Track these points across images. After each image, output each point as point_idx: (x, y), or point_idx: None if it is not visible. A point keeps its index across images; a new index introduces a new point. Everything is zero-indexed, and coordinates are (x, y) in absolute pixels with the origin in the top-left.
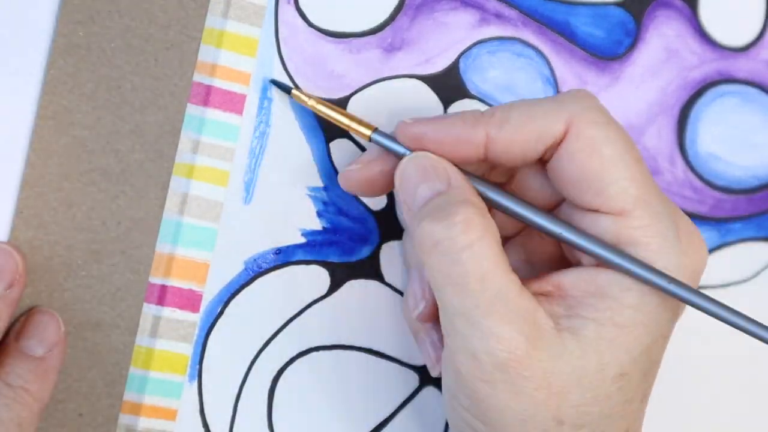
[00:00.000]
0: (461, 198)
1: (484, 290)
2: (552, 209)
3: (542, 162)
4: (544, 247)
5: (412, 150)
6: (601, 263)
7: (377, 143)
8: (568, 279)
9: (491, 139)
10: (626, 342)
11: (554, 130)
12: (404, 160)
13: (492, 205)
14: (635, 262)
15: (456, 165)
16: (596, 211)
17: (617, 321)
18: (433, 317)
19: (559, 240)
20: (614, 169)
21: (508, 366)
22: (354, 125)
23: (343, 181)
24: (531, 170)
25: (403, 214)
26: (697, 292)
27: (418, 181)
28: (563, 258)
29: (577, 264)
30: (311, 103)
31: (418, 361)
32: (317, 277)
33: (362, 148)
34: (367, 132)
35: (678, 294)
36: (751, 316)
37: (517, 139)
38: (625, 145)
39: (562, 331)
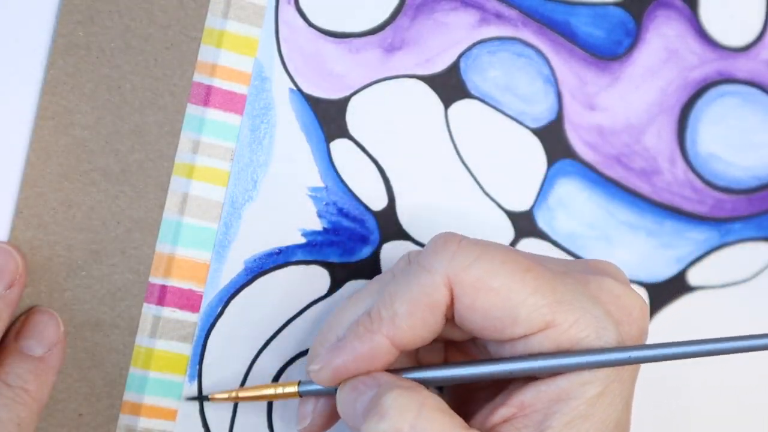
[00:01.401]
0: (385, 390)
1: None
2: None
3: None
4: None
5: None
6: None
7: (308, 393)
8: (528, 396)
9: (392, 338)
10: (598, 428)
11: (441, 299)
12: (337, 395)
13: (438, 384)
14: (594, 353)
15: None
16: (523, 337)
17: (585, 413)
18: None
19: (510, 378)
20: (513, 295)
21: None
22: (278, 391)
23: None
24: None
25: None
26: (663, 344)
27: (354, 400)
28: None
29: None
30: (232, 395)
31: None
32: (317, 277)
33: (362, 148)
34: (293, 389)
35: (645, 357)
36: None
37: (414, 326)
38: (504, 265)
39: None
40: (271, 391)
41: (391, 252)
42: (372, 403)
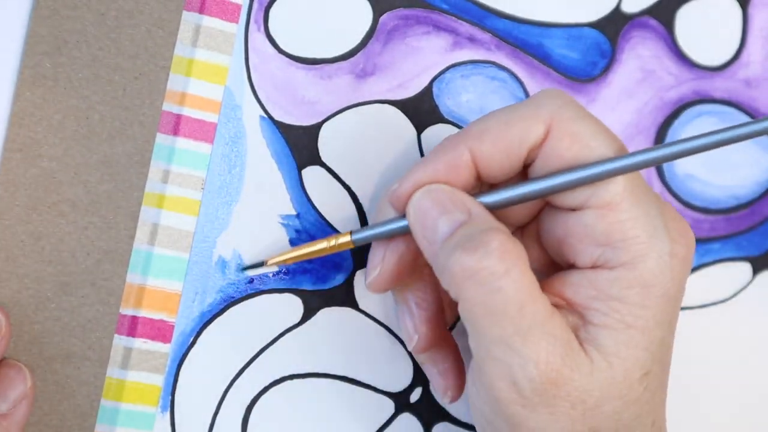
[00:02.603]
0: (488, 226)
1: (522, 317)
2: (533, 218)
3: (524, 170)
4: (533, 255)
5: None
6: (596, 264)
7: (362, 241)
8: (569, 288)
9: (474, 153)
10: (642, 342)
11: (535, 132)
12: (416, 196)
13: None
14: (612, 160)
15: None
16: (581, 208)
17: (628, 322)
18: (430, 346)
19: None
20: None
21: (547, 389)
22: (331, 243)
23: (376, 289)
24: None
25: (423, 249)
26: (673, 143)
27: (437, 215)
28: (553, 264)
29: (569, 267)
30: (286, 257)
31: (392, 388)
32: (290, 305)
33: (334, 174)
34: (347, 238)
35: (660, 157)
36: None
37: (499, 147)
38: (609, 137)
39: (586, 345)
40: (324, 244)
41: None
42: (472, 234)
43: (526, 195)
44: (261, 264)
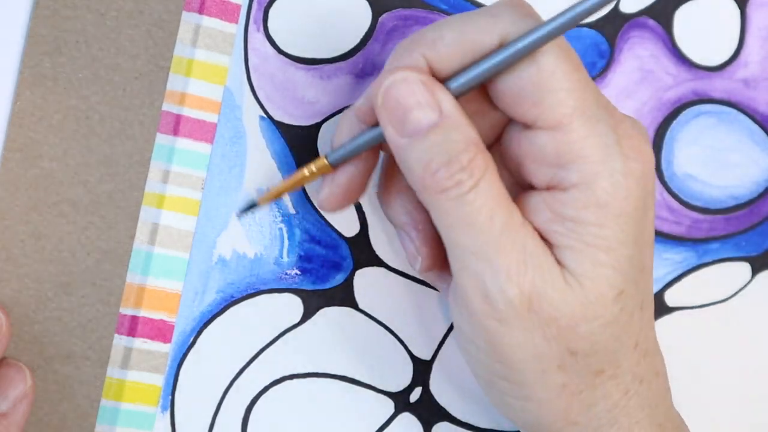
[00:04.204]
0: (461, 136)
1: (493, 225)
2: (498, 136)
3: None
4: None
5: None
6: (550, 185)
7: (340, 159)
8: (530, 211)
9: (428, 59)
10: (608, 260)
11: (488, 45)
12: (387, 83)
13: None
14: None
15: None
16: (534, 127)
17: (588, 242)
18: (435, 265)
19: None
20: (551, 80)
21: (520, 302)
22: (311, 169)
23: (326, 206)
24: (472, 96)
25: (389, 137)
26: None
27: (408, 108)
28: (518, 186)
29: (528, 188)
30: (273, 193)
31: (392, 388)
32: (290, 305)
33: None
34: (323, 162)
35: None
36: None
37: (452, 56)
38: (562, 54)
39: (559, 264)
40: (304, 172)
41: (364, 279)
42: (443, 144)
43: (480, 75)
44: (254, 205)
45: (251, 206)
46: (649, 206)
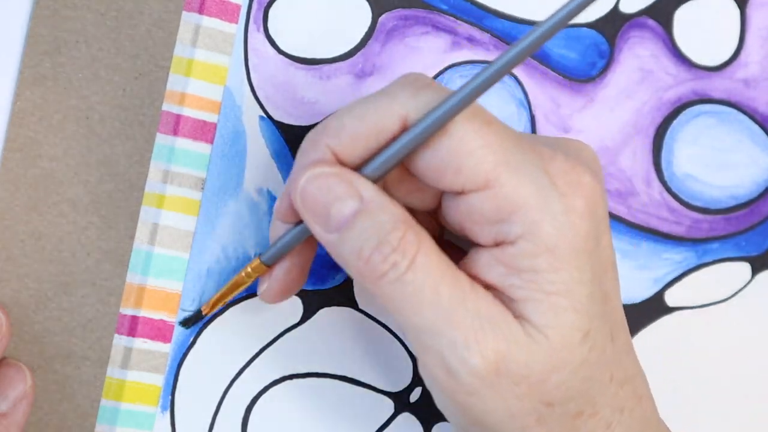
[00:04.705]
0: (387, 216)
1: (440, 301)
2: (435, 209)
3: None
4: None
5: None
6: (497, 241)
7: (273, 258)
8: (482, 269)
9: (334, 150)
10: (569, 305)
11: (390, 127)
12: (301, 184)
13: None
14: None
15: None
16: (463, 192)
17: (547, 290)
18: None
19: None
20: (463, 143)
21: (483, 371)
22: (247, 270)
23: (267, 299)
24: (397, 175)
25: (318, 236)
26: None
27: (328, 203)
28: (454, 246)
29: (476, 246)
30: (213, 302)
31: (392, 388)
32: (290, 305)
33: None
34: (256, 262)
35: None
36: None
37: (356, 144)
38: (468, 113)
39: (518, 319)
40: (242, 275)
41: None
42: (369, 229)
43: (391, 159)
44: (199, 314)
45: (197, 316)
46: (603, 232)
